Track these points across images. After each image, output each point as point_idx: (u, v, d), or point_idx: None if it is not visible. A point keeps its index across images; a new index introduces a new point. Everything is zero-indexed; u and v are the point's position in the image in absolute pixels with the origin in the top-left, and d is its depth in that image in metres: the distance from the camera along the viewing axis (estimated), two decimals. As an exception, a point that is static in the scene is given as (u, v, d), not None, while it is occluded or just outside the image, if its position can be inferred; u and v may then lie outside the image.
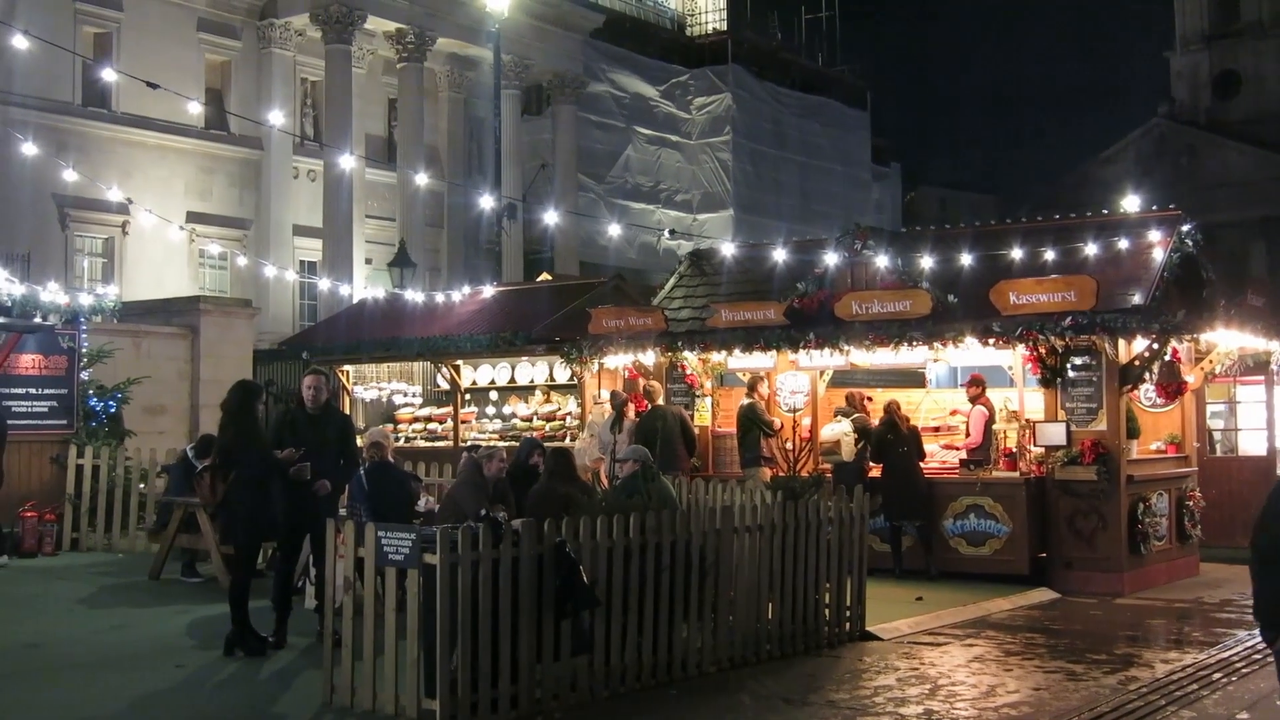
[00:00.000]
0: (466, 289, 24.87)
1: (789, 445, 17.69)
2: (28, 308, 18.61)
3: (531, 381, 23.01)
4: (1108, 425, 16.24)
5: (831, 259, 18.17)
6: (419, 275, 34.70)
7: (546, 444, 16.17)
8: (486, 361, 23.04)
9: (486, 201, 28.58)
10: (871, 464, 17.24)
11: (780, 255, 19.45)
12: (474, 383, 23.46)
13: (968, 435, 17.57)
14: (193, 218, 35.97)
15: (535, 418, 22.30)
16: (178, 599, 14.71)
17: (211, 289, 36.40)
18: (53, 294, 18.99)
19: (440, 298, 24.11)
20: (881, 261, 17.79)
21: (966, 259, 17.41)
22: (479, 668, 9.23)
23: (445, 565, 9.09)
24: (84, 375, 19.82)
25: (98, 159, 34.03)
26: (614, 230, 29.01)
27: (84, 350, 19.83)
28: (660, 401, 18.89)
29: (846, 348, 17.49)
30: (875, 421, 17.59)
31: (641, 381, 19.46)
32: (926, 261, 17.57)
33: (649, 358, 19.30)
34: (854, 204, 53.63)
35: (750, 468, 17.80)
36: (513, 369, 23.05)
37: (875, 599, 13.22)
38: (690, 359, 19.03)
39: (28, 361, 19.10)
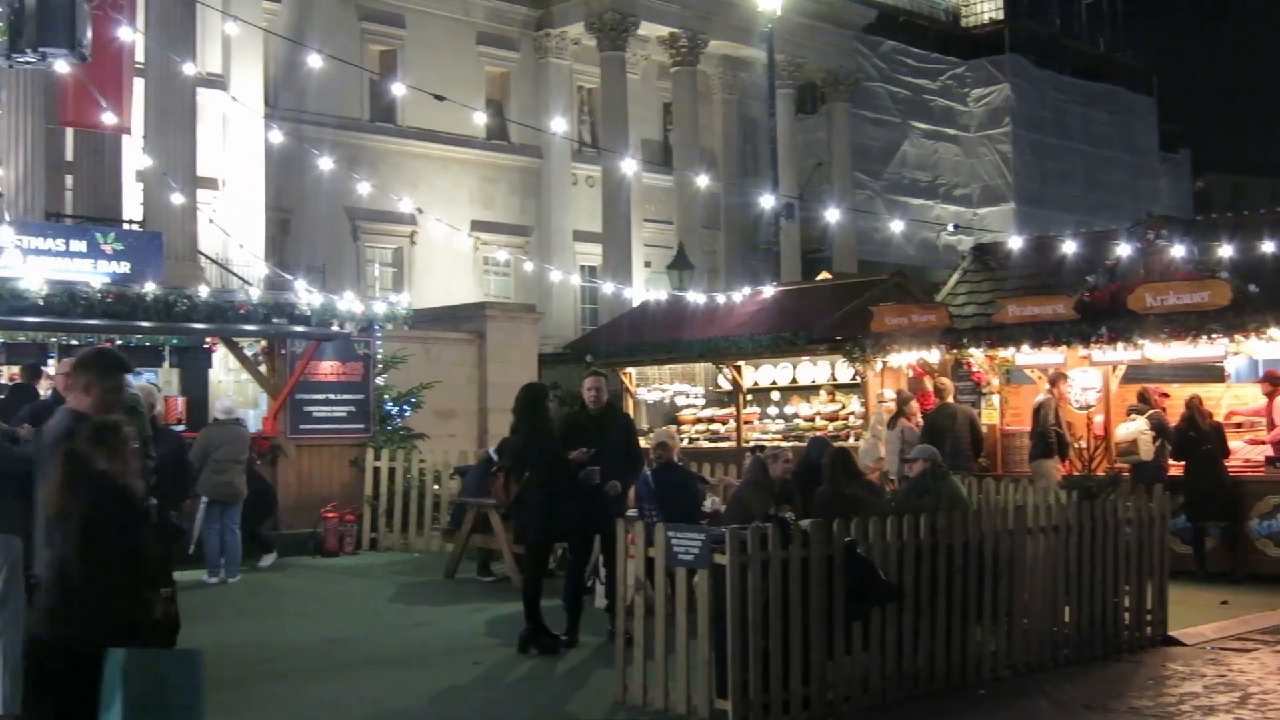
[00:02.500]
0: (746, 290, 24.85)
1: (1082, 443, 17.17)
2: (326, 317, 19.36)
3: (813, 381, 22.85)
4: None
5: (1123, 250, 17.55)
6: (697, 277, 34.89)
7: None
8: (768, 361, 22.99)
9: (766, 201, 28.53)
10: (1172, 462, 16.59)
11: (1068, 247, 18.86)
12: (755, 383, 23.43)
13: (1271, 428, 16.75)
14: (477, 226, 36.91)
15: (818, 417, 22.15)
16: (473, 597, 15.08)
17: (496, 295, 37.31)
18: (348, 303, 19.69)
19: (720, 299, 24.15)
20: (1176, 251, 17.09)
21: (1268, 246, 16.58)
22: (770, 668, 9.19)
23: (735, 565, 9.07)
24: (379, 381, 20.51)
25: (386, 172, 35.20)
26: (895, 227, 28.63)
27: (378, 357, 20.51)
28: (950, 399, 18.54)
29: (1140, 342, 16.87)
30: (1173, 418, 16.92)
31: (928, 379, 19.16)
32: (1224, 250, 16.82)
33: (933, 355, 18.98)
34: (1141, 193, 51.83)
35: (1037, 460, 17.34)
36: (794, 369, 22.94)
37: (1177, 603, 12.68)
38: (976, 356, 18.65)
39: (327, 369, 19.88)
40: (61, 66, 11.69)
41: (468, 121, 31.49)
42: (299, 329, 19.18)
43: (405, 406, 20.86)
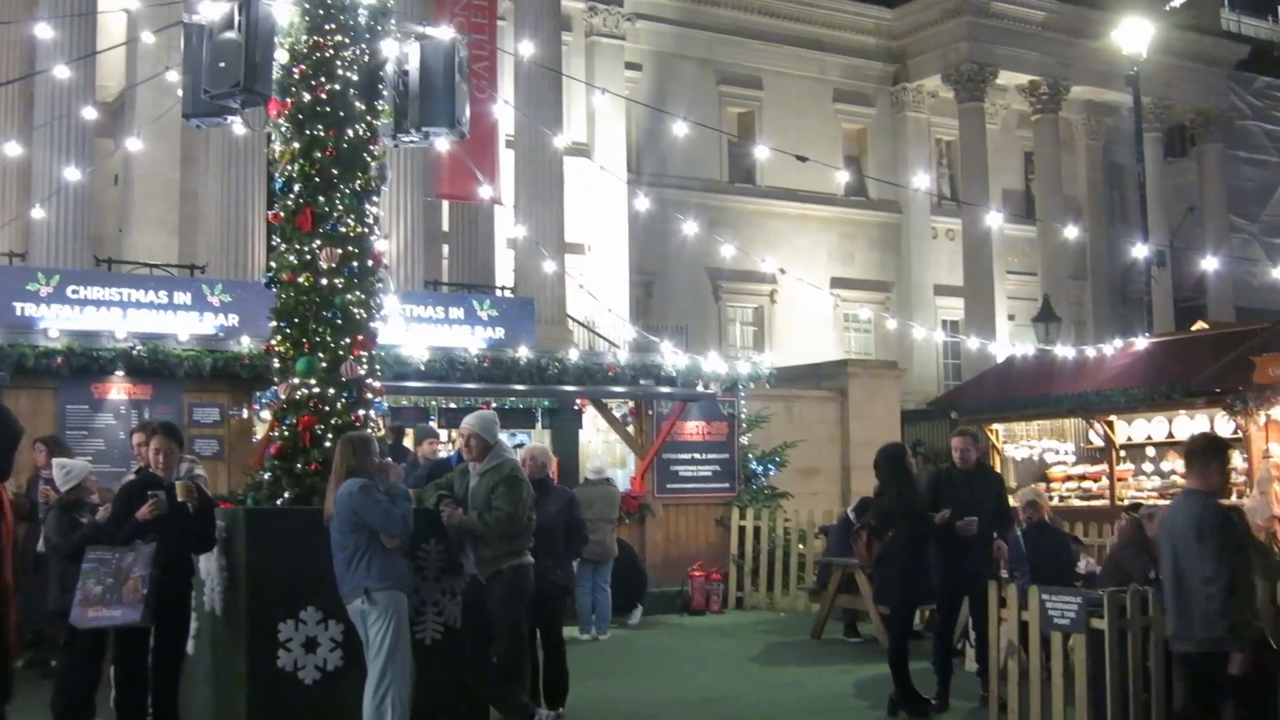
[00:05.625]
0: (1117, 341, 24.07)
1: None
2: (691, 377, 19.76)
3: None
4: None
5: None
6: (1064, 329, 33.99)
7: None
8: (1142, 416, 22.18)
9: (1137, 250, 27.59)
10: None
11: None
12: (1129, 438, 22.64)
13: None
14: (836, 283, 36.95)
15: (1196, 474, 21.18)
16: (840, 658, 15.00)
17: (856, 351, 37.17)
18: (713, 364, 20.04)
19: (1090, 351, 23.46)
20: None
21: None
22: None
23: (1113, 630, 8.77)
24: (743, 440, 20.70)
25: (745, 232, 35.56)
26: (1277, 272, 27.16)
27: (742, 416, 20.73)
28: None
29: None
30: None
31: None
32: None
33: (1323, 407, 17.99)
34: None
35: None
36: (1170, 423, 22.05)
37: None
38: (1372, 407, 17.58)
39: (692, 428, 20.19)
40: (442, 144, 12.29)
41: (826, 179, 31.67)
42: (665, 390, 19.62)
43: (769, 465, 20.98)
